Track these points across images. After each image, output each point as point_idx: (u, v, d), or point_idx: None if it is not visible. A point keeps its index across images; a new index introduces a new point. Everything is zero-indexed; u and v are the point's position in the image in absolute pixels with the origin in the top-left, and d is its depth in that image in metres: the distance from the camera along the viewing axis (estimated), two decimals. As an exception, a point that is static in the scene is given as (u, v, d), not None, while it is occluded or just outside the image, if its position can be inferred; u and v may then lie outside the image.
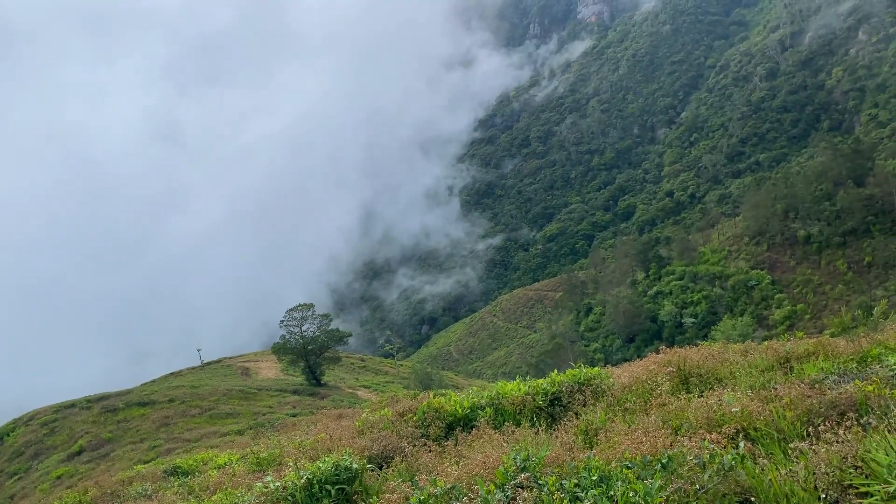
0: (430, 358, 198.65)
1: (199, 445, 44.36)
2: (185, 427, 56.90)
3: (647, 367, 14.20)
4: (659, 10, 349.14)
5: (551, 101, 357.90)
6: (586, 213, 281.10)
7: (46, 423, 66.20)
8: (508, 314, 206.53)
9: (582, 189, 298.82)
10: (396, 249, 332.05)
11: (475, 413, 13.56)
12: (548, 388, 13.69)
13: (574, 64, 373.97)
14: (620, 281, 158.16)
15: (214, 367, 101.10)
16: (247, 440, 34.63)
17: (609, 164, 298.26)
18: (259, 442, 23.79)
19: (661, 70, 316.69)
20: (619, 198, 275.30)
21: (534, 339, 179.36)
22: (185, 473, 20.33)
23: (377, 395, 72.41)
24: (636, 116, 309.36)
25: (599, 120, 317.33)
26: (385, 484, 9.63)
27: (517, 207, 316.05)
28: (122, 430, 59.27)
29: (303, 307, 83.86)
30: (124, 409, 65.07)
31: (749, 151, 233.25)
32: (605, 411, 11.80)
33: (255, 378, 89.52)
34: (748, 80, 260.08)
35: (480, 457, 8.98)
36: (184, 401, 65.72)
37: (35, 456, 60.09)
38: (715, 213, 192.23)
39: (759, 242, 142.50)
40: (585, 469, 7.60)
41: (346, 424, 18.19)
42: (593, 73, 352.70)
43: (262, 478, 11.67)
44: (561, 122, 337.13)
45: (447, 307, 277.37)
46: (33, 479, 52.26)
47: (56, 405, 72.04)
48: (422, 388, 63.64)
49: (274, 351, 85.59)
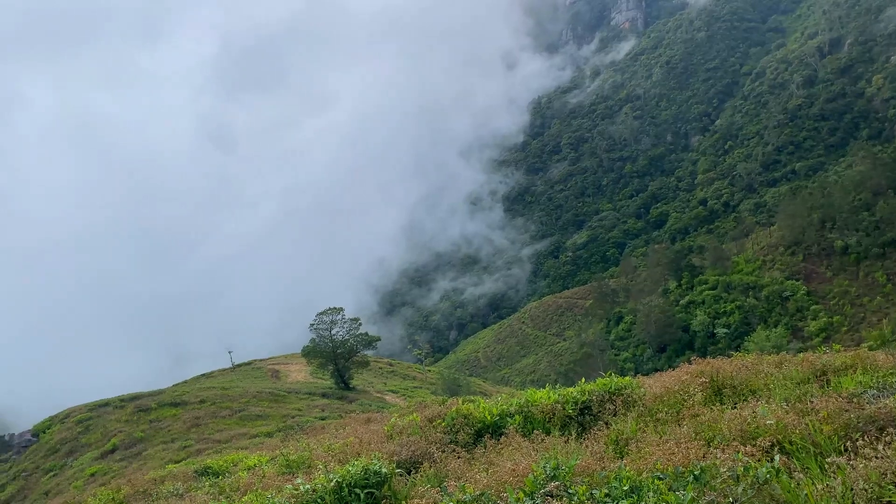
0: (458, 364, 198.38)
1: (228, 446, 44.84)
2: (216, 428, 57.54)
3: (679, 377, 14.02)
4: (694, 16, 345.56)
5: (583, 107, 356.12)
6: (618, 220, 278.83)
7: (81, 422, 67.43)
8: (537, 321, 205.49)
9: (614, 196, 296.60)
10: (439, 253, 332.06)
11: (504, 420, 13.52)
12: (578, 397, 13.60)
13: (606, 70, 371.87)
14: (652, 290, 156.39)
15: (245, 369, 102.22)
16: (276, 442, 34.92)
17: (641, 172, 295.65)
18: (288, 444, 23.97)
19: (696, 77, 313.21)
20: (652, 205, 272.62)
21: (563, 348, 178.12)
22: (216, 474, 20.57)
23: (405, 400, 72.52)
24: (669, 123, 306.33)
25: (632, 127, 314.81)
26: (414, 489, 9.64)
27: (547, 214, 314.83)
28: (154, 430, 60.12)
29: (332, 310, 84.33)
30: (156, 409, 66.02)
31: (785, 160, 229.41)
32: (635, 421, 11.68)
33: (285, 380, 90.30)
34: (785, 88, 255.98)
35: (510, 464, 8.95)
36: (214, 402, 66.49)
37: (70, 453, 61.23)
38: (749, 222, 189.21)
39: (795, 252, 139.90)
40: (616, 479, 7.53)
41: (375, 429, 18.25)
42: (626, 79, 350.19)
43: (291, 480, 11.75)
44: (593, 129, 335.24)
45: (489, 311, 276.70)
46: (68, 476, 53.22)
47: (91, 404, 73.35)
48: (449, 394, 63.58)
49: (304, 354, 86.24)
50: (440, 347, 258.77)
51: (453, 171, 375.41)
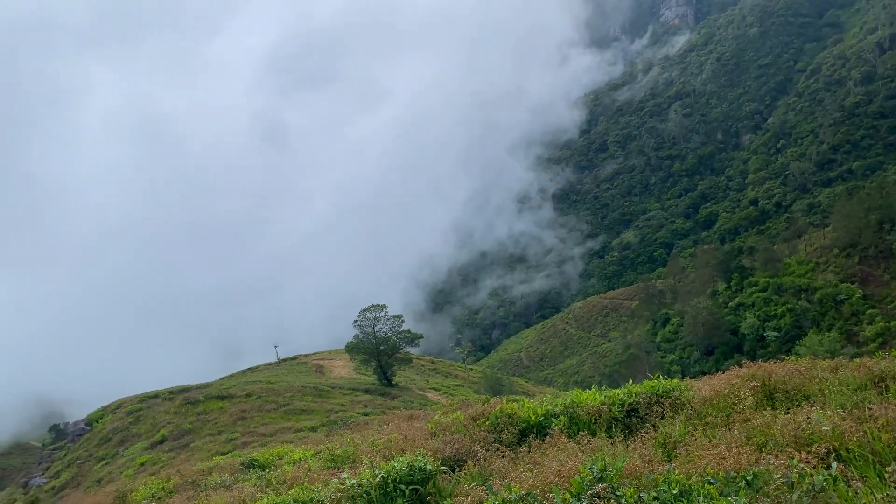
0: (500, 363, 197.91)
1: (273, 440, 45.55)
2: (261, 421, 58.51)
3: (730, 380, 13.73)
4: (746, 12, 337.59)
5: (632, 104, 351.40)
6: (666, 220, 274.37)
7: (132, 412, 69.34)
8: (581, 322, 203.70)
9: (662, 195, 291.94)
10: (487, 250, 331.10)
11: (549, 420, 13.42)
12: (624, 399, 13.43)
13: (657, 67, 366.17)
14: (700, 291, 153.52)
15: (290, 364, 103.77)
16: (320, 437, 35.35)
17: (690, 171, 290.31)
18: (333, 439, 24.23)
19: (748, 74, 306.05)
20: (701, 205, 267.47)
21: (607, 349, 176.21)
22: (262, 467, 20.91)
23: (447, 398, 72.67)
24: (720, 121, 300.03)
25: (681, 124, 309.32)
26: (458, 487, 9.64)
27: (593, 213, 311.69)
28: (201, 422, 61.41)
29: (375, 307, 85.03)
30: (204, 402, 67.42)
31: (841, 159, 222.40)
32: (684, 424, 11.47)
33: (329, 376, 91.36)
34: (842, 85, 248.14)
35: (555, 465, 8.88)
36: (260, 396, 67.62)
37: (121, 443, 63.02)
38: (802, 223, 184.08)
39: (850, 255, 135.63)
40: (665, 482, 7.40)
41: (418, 426, 18.31)
42: (676, 76, 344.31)
43: (336, 474, 11.87)
44: (641, 126, 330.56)
45: (532, 310, 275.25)
46: (119, 464, 54.74)
47: (141, 395, 75.37)
48: (492, 394, 63.46)
49: (347, 350, 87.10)
50: (482, 346, 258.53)
51: (503, 167, 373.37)
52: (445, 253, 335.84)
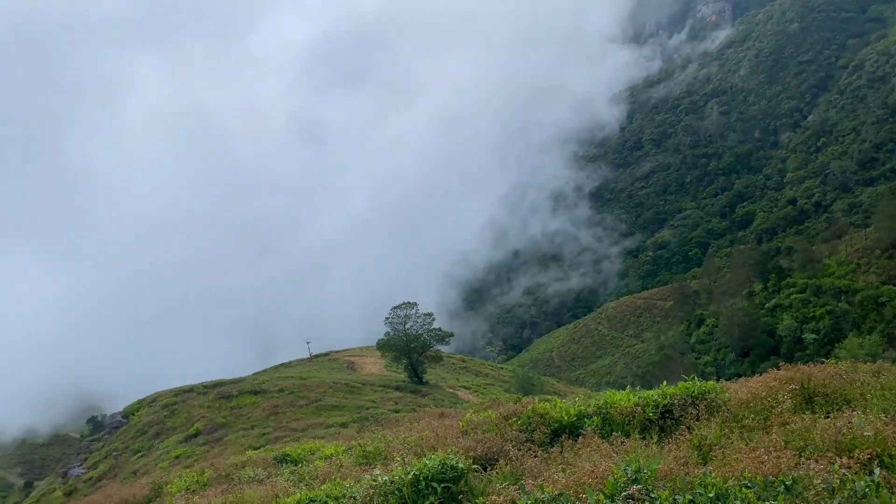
0: (531, 362, 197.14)
1: (305, 435, 46.00)
2: (293, 417, 59.12)
3: (767, 383, 13.46)
4: (786, 7, 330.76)
5: (667, 101, 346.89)
6: (701, 219, 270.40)
7: (167, 406, 70.53)
8: (614, 322, 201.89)
9: (697, 194, 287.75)
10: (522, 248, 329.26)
11: (581, 421, 13.32)
12: (659, 400, 13.26)
13: (693, 63, 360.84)
14: (736, 292, 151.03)
15: (322, 360, 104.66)
16: (351, 433, 35.60)
17: (727, 169, 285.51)
18: (364, 435, 24.37)
19: (787, 71, 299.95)
20: (737, 204, 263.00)
21: (640, 349, 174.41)
22: (294, 462, 21.11)
23: (477, 396, 72.63)
24: (758, 119, 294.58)
25: (718, 122, 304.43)
26: (490, 486, 9.60)
27: (627, 212, 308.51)
28: (234, 417, 62.26)
29: (406, 305, 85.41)
30: (237, 397, 68.33)
31: (884, 157, 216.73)
32: (720, 427, 11.28)
33: (360, 373, 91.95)
34: (885, 82, 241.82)
35: (588, 465, 8.79)
36: (292, 391, 68.30)
37: (156, 435, 64.16)
38: (843, 224, 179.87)
39: (893, 256, 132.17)
40: (701, 485, 7.27)
41: (449, 424, 18.30)
42: (712, 73, 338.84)
43: (368, 471, 11.92)
44: (677, 124, 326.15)
45: (564, 309, 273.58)
46: (154, 456, 55.75)
47: (176, 389, 76.61)
48: (523, 393, 63.23)
49: (378, 347, 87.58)
50: (513, 345, 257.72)
51: (538, 165, 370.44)
52: (480, 250, 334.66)
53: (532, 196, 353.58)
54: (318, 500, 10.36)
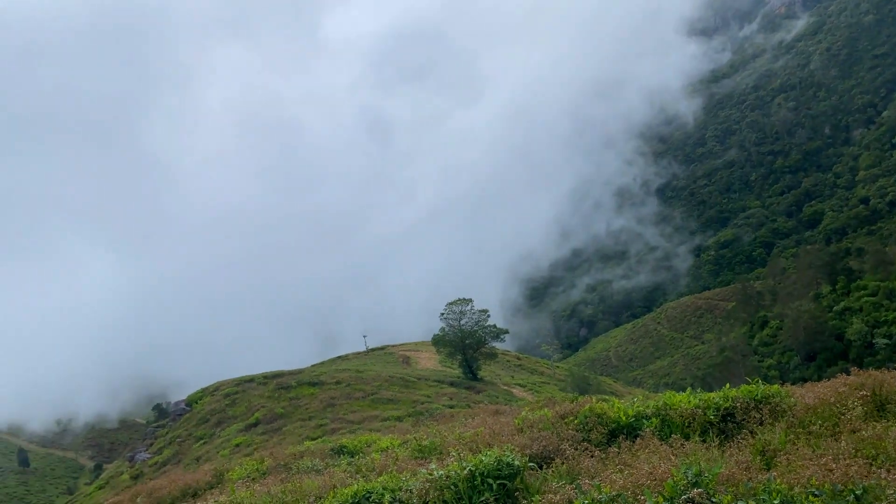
0: (588, 362, 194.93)
1: (361, 428, 46.56)
2: (349, 409, 59.90)
3: (836, 388, 13.00)
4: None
5: (732, 97, 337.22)
6: (766, 218, 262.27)
7: (229, 395, 72.36)
8: (674, 322, 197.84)
9: (762, 192, 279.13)
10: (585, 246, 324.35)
11: (640, 422, 13.12)
12: (720, 403, 12.95)
13: (759, 59, 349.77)
14: (802, 294, 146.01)
15: (378, 354, 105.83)
16: (406, 427, 35.85)
17: (794, 167, 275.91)
18: (419, 430, 24.53)
19: (861, 65, 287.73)
20: (805, 203, 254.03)
21: (700, 351, 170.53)
22: (351, 453, 21.42)
23: (532, 394, 72.25)
24: (828, 115, 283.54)
25: (785, 119, 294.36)
26: (546, 484, 9.55)
27: (687, 211, 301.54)
28: (293, 407, 63.43)
29: (461, 301, 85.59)
30: (296, 388, 69.62)
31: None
32: (785, 432, 10.95)
33: (415, 367, 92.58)
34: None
35: (647, 467, 8.65)
36: (349, 384, 69.21)
37: (218, 424, 65.88)
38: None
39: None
40: (765, 491, 7.08)
41: (504, 421, 18.27)
42: (781, 67, 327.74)
43: (424, 465, 12.01)
44: (742, 120, 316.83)
45: (622, 308, 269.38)
46: (216, 444, 57.27)
47: (237, 378, 78.54)
48: (578, 392, 62.62)
49: (433, 342, 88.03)
50: (570, 344, 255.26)
51: (603, 161, 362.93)
52: (544, 246, 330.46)
53: (597, 192, 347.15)
54: (374, 491, 10.49)
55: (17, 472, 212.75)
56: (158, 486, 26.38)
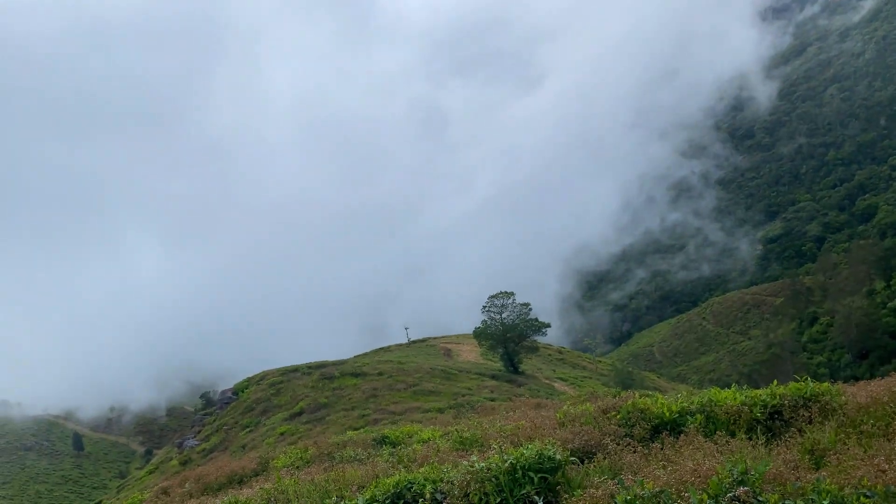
0: (631, 357, 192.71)
1: (403, 419, 46.91)
2: (391, 400, 60.39)
3: (890, 387, 12.62)
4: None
5: (782, 88, 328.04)
6: (817, 212, 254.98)
7: (274, 384, 73.64)
8: (720, 318, 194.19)
9: (813, 186, 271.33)
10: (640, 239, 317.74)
11: (684, 418, 12.95)
12: (767, 400, 12.70)
13: (811, 48, 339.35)
14: (854, 290, 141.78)
15: (420, 346, 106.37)
16: (448, 419, 36.00)
17: (847, 159, 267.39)
18: (460, 422, 24.62)
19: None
20: (858, 197, 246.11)
21: (747, 347, 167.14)
22: (393, 444, 21.62)
23: (574, 389, 71.77)
24: (884, 106, 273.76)
25: (838, 109, 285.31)
26: (587, 479, 9.51)
27: (735, 203, 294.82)
28: (336, 397, 64.22)
29: (503, 294, 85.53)
30: (339, 378, 70.47)
31: None
32: (835, 431, 10.69)
33: (456, 359, 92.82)
34: None
35: (691, 464, 8.55)
36: (391, 375, 69.79)
37: (263, 412, 67.15)
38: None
39: None
40: (814, 491, 6.93)
41: (546, 415, 18.20)
42: (833, 57, 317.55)
43: (465, 457, 12.06)
44: (792, 112, 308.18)
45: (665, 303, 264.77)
46: (261, 432, 58.39)
47: (282, 368, 79.88)
48: (621, 387, 61.97)
49: (475, 335, 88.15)
50: (612, 339, 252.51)
51: (659, 153, 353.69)
52: (598, 240, 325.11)
53: (655, 185, 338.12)
54: (416, 482, 10.57)
55: (72, 456, 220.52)
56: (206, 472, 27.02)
